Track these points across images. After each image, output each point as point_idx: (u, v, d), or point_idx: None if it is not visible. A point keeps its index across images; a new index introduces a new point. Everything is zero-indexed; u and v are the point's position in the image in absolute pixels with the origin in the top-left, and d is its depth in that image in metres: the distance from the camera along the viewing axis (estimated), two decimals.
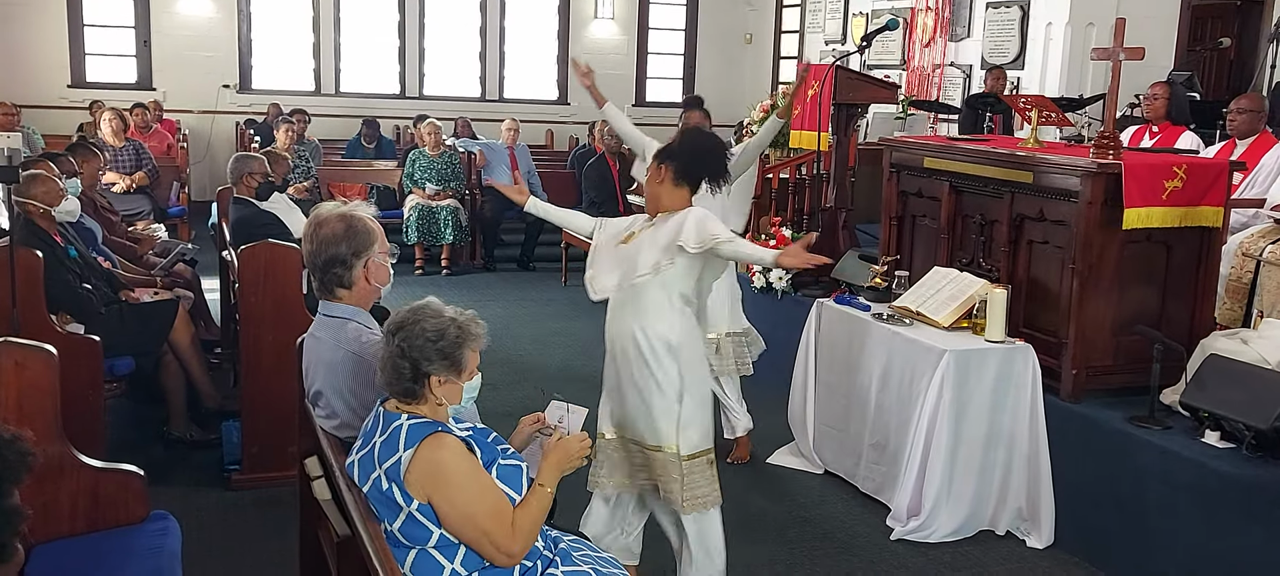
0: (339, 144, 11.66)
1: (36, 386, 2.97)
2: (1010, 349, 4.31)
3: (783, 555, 4.16)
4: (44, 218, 4.97)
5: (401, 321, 2.51)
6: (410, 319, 2.50)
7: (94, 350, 4.38)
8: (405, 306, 2.57)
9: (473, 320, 2.57)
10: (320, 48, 12.80)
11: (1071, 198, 4.32)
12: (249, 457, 4.58)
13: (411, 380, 2.48)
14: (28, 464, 1.92)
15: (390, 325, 2.53)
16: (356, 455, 2.55)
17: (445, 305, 2.57)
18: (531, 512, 2.54)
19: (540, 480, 2.61)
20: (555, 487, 2.63)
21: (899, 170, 5.42)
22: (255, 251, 4.58)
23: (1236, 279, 5.07)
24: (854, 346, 4.71)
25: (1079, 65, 9.01)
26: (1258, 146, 5.74)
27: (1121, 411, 4.20)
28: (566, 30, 13.74)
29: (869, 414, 4.62)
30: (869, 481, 4.66)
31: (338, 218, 2.91)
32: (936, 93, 10.33)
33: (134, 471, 3.13)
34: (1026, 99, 5.19)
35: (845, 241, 6.19)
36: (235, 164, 5.96)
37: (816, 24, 12.46)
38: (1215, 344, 4.18)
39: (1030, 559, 4.20)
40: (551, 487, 2.62)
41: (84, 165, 6.53)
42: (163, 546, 3.03)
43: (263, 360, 4.51)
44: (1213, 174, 4.36)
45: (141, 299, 5.26)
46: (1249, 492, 3.61)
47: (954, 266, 4.84)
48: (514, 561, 2.52)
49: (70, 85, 11.88)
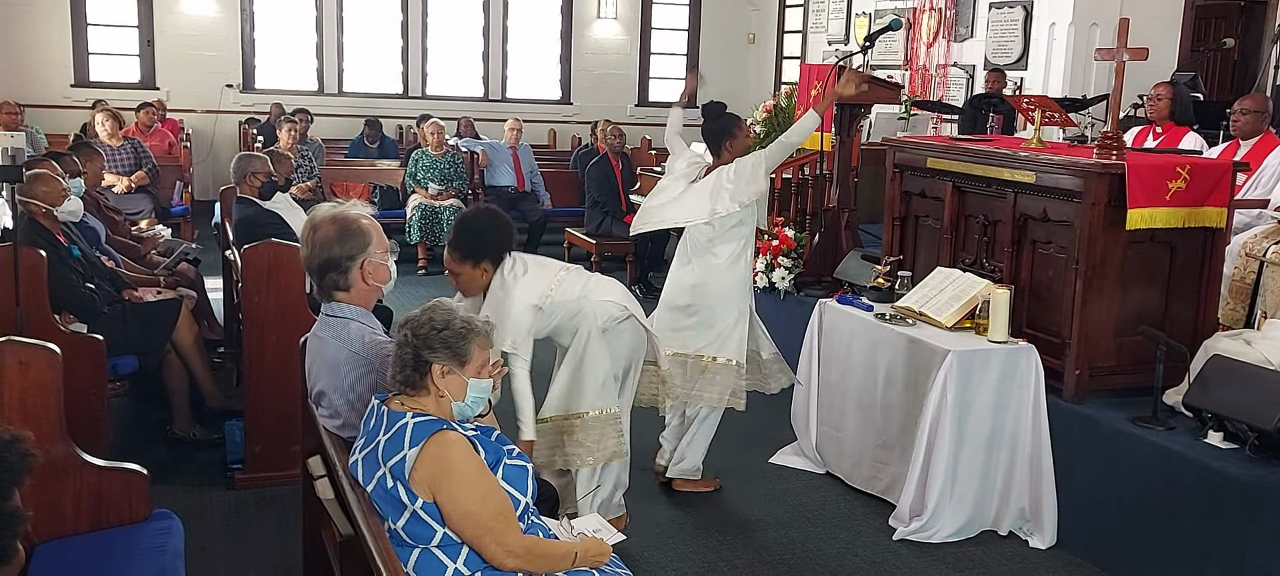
0: (342, 144, 11.67)
1: (40, 385, 2.97)
2: (1013, 349, 4.30)
3: (785, 555, 4.16)
4: (47, 217, 4.97)
5: (411, 315, 2.56)
6: (422, 312, 2.55)
7: (97, 349, 4.39)
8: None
9: (486, 321, 2.61)
10: (323, 47, 12.80)
11: (1075, 198, 4.31)
12: (252, 457, 4.58)
13: (413, 367, 2.50)
14: (28, 465, 1.92)
15: (401, 320, 2.58)
16: (360, 454, 2.55)
17: (458, 305, 2.63)
18: (542, 547, 2.55)
19: (575, 547, 2.60)
20: (572, 564, 2.60)
21: (902, 170, 5.42)
22: (258, 251, 4.59)
23: (1240, 279, 5.06)
24: (857, 347, 4.71)
25: (1082, 66, 8.99)
26: (1261, 147, 5.73)
27: (1124, 412, 4.19)
28: (569, 30, 13.74)
29: (872, 414, 4.62)
30: (872, 482, 4.65)
31: (331, 220, 2.91)
32: (939, 93, 10.32)
33: (137, 470, 3.13)
34: (1029, 99, 5.18)
35: (848, 242, 6.19)
36: (238, 163, 5.97)
37: (819, 24, 12.46)
38: (1218, 344, 4.17)
39: (1033, 559, 4.20)
40: (571, 561, 2.59)
41: (87, 165, 6.53)
42: (166, 546, 3.03)
43: (266, 359, 4.51)
44: (1216, 175, 4.35)
45: (145, 298, 5.26)
46: (1252, 493, 3.61)
47: (957, 267, 4.83)
48: (516, 563, 2.51)
49: (73, 85, 11.89)
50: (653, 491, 4.70)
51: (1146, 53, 4.52)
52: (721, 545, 4.21)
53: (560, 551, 2.58)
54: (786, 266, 6.22)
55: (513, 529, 2.48)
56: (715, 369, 4.51)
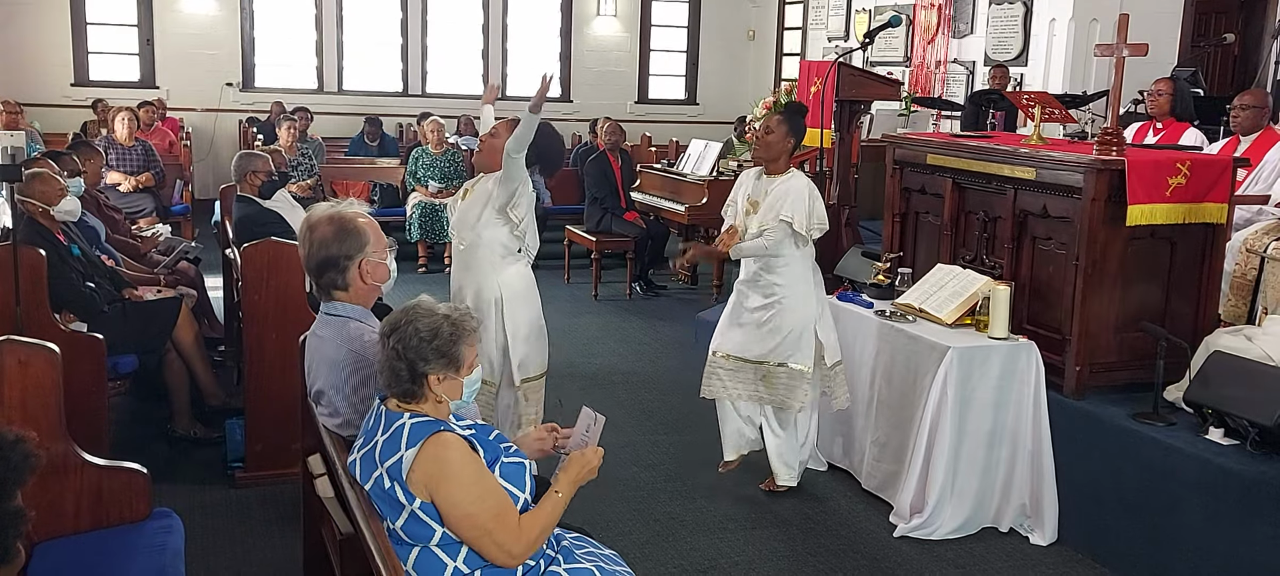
0: (342, 142, 11.68)
1: (40, 385, 2.97)
2: (1014, 346, 4.30)
3: (786, 551, 4.16)
4: (45, 216, 4.97)
5: (395, 323, 2.50)
6: (403, 320, 2.49)
7: (97, 348, 4.39)
8: (398, 308, 2.56)
9: (466, 315, 2.55)
10: (323, 46, 12.81)
11: (1075, 194, 4.31)
12: (252, 455, 4.58)
13: (410, 381, 2.47)
14: (31, 465, 1.92)
15: (384, 328, 2.52)
16: (358, 453, 2.55)
17: (438, 303, 2.57)
18: (542, 518, 2.54)
19: (557, 487, 2.60)
20: (570, 498, 2.62)
21: (902, 167, 5.41)
22: (258, 249, 4.58)
23: (1241, 275, 5.06)
24: (857, 343, 4.71)
25: (1082, 61, 8.99)
26: (1262, 143, 5.73)
27: (1125, 408, 4.19)
28: (569, 27, 13.74)
29: (872, 411, 4.62)
30: (872, 478, 4.65)
31: (327, 221, 2.90)
32: (939, 89, 10.32)
33: (137, 469, 3.14)
34: (1030, 95, 5.17)
35: (848, 238, 6.20)
36: (240, 161, 5.97)
37: (819, 21, 12.46)
38: (1219, 340, 4.17)
39: (1034, 556, 4.20)
40: (567, 497, 2.61)
41: (87, 164, 6.53)
42: (166, 544, 3.03)
43: (266, 358, 4.51)
44: (1216, 170, 4.35)
45: (145, 297, 5.26)
46: (1253, 489, 3.61)
47: (957, 263, 4.83)
48: (515, 562, 2.50)
49: (73, 84, 11.90)
50: (652, 490, 4.70)
51: (1146, 48, 4.52)
52: (721, 544, 4.21)
53: (549, 507, 2.56)
54: None
55: (511, 529, 2.47)
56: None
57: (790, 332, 4.41)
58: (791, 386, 4.44)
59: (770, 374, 4.47)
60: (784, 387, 4.45)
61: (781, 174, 4.44)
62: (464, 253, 4.39)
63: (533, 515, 2.52)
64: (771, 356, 4.45)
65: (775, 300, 4.42)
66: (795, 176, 4.45)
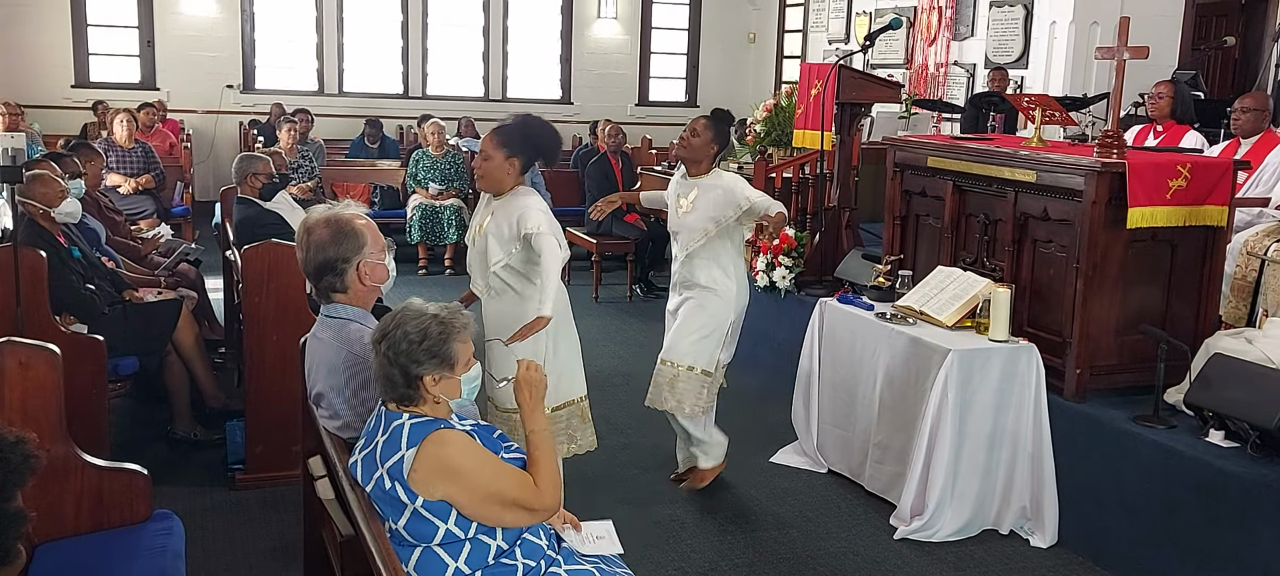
0: (342, 144, 11.68)
1: (40, 386, 2.97)
2: (1014, 348, 4.30)
3: (785, 555, 4.16)
4: (45, 218, 4.97)
5: (384, 329, 2.49)
6: (392, 325, 2.49)
7: (98, 350, 4.39)
8: (388, 313, 2.55)
9: (456, 312, 2.54)
10: (324, 48, 12.81)
11: (1075, 197, 4.31)
12: (253, 457, 4.58)
13: (405, 386, 2.47)
14: (32, 467, 1.92)
15: (375, 335, 2.52)
16: (359, 454, 2.55)
17: (427, 303, 2.55)
18: (544, 463, 2.58)
19: (531, 427, 2.63)
20: (547, 423, 2.66)
21: (903, 169, 5.41)
22: (259, 251, 4.58)
23: (1241, 278, 5.06)
24: (857, 346, 4.71)
25: (1083, 64, 8.99)
26: (1262, 145, 5.73)
27: (1126, 411, 4.19)
28: (569, 29, 13.75)
29: (872, 413, 4.62)
30: (873, 481, 4.65)
31: (324, 223, 2.91)
32: (940, 92, 10.32)
33: (138, 471, 3.13)
34: (1030, 98, 5.17)
35: (849, 241, 6.19)
36: (240, 163, 5.97)
37: (820, 23, 12.45)
38: (1220, 343, 4.17)
39: (1034, 558, 4.20)
40: (545, 425, 2.64)
41: (87, 165, 6.53)
42: (166, 546, 3.03)
43: (266, 360, 4.51)
44: (1217, 173, 4.35)
45: (145, 299, 5.26)
46: (1253, 492, 3.60)
47: (958, 266, 4.83)
48: (552, 512, 2.58)
49: (74, 85, 11.90)
50: (653, 491, 4.70)
51: (1147, 51, 4.52)
52: (722, 545, 4.21)
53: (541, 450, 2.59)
54: (787, 265, 6.22)
55: (534, 490, 2.51)
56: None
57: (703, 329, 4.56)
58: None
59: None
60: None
61: (704, 175, 4.56)
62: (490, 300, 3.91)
63: (535, 466, 2.57)
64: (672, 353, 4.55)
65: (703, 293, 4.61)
66: (722, 176, 4.57)
